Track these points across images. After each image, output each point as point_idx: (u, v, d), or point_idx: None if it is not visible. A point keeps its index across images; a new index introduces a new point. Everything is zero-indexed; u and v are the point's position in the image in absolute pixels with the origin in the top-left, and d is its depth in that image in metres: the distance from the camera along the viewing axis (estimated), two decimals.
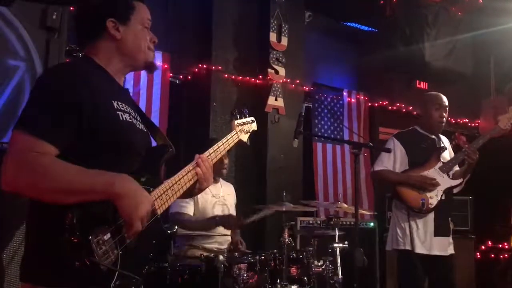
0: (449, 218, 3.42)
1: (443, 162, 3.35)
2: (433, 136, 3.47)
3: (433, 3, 5.23)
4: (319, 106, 5.50)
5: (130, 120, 1.65)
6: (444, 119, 3.44)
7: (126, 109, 1.66)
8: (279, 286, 2.90)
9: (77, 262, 1.38)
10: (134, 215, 1.45)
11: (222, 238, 3.61)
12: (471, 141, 3.37)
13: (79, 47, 1.79)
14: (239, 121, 2.17)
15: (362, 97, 5.83)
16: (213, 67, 4.62)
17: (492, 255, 5.65)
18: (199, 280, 2.80)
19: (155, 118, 4.35)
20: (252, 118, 2.26)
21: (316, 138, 5.35)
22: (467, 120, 6.67)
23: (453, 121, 6.56)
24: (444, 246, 3.28)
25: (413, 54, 5.16)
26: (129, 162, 1.60)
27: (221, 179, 3.88)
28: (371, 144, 3.74)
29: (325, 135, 5.40)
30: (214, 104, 4.59)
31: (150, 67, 1.80)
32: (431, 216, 3.26)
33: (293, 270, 3.08)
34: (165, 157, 1.76)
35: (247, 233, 4.03)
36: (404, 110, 6.00)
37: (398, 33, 5.26)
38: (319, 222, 3.96)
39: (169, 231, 1.75)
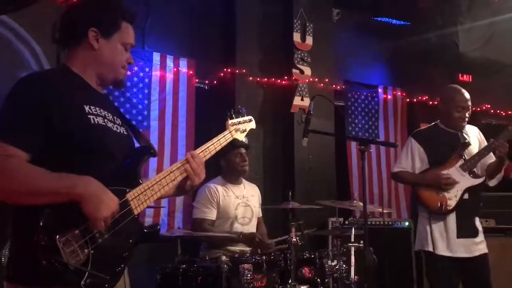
0: (476, 218, 3.22)
1: (464, 160, 3.17)
2: (455, 132, 3.27)
3: None
4: (352, 105, 5.38)
5: (104, 124, 1.73)
6: (467, 118, 3.26)
7: (100, 113, 1.73)
8: (288, 286, 2.87)
9: (43, 262, 1.46)
10: (96, 215, 1.51)
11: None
12: None
13: (61, 49, 1.88)
14: (234, 120, 2.21)
15: (399, 93, 5.64)
16: (237, 71, 4.67)
17: None
18: (210, 281, 2.83)
19: (182, 124, 4.47)
20: (250, 117, 2.29)
21: (349, 137, 5.22)
22: None
23: (504, 114, 6.20)
24: (469, 248, 3.11)
25: (447, 45, 4.93)
26: (103, 164, 1.67)
27: (244, 180, 3.91)
28: (377, 139, 3.60)
29: (359, 134, 5.27)
30: (239, 106, 4.62)
31: (118, 84, 1.89)
32: (453, 217, 3.11)
33: (306, 271, 3.04)
34: (144, 159, 1.83)
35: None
36: None
37: (430, 24, 5.04)
38: (342, 222, 3.87)
39: (148, 231, 1.80)
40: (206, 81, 4.71)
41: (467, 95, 3.27)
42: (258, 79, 4.77)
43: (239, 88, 4.68)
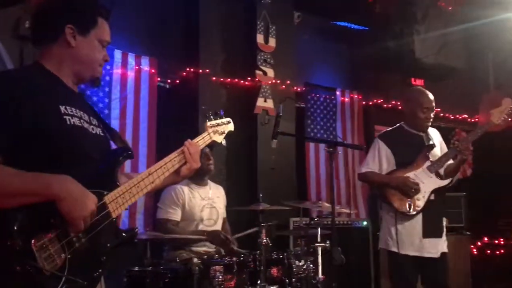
0: (442, 218, 3.29)
1: (431, 161, 3.22)
2: (421, 133, 3.31)
3: None
4: (311, 107, 5.48)
5: (80, 124, 1.67)
6: (431, 119, 3.30)
7: (76, 113, 1.68)
8: (258, 287, 2.89)
9: (18, 267, 1.39)
10: (74, 215, 1.46)
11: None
12: None
13: (34, 46, 1.81)
14: (212, 122, 2.20)
15: (355, 96, 5.80)
16: (201, 71, 4.64)
17: (488, 251, 5.58)
18: (179, 283, 2.81)
19: (143, 123, 4.39)
20: (228, 119, 2.28)
21: (304, 138, 5.32)
22: (466, 116, 6.61)
23: (452, 117, 6.52)
24: (435, 247, 3.17)
25: (403, 51, 5.12)
26: (79, 166, 1.61)
27: (210, 181, 3.89)
28: (344, 142, 3.69)
29: (318, 135, 5.38)
30: (203, 107, 4.61)
31: (95, 82, 1.84)
32: (419, 217, 3.15)
33: (274, 271, 3.07)
34: (121, 160, 1.79)
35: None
36: (399, 107, 5.96)
37: (388, 31, 5.22)
38: (306, 222, 3.93)
39: (126, 235, 1.76)
40: (168, 80, 4.65)
41: (431, 96, 3.31)
42: (222, 79, 4.77)
43: (202, 88, 4.65)
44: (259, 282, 2.95)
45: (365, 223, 4.80)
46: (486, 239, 5.86)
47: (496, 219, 6.04)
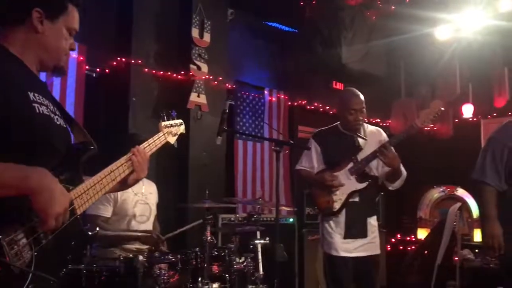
0: (369, 219, 3.24)
1: (354, 163, 3.20)
2: (352, 134, 3.30)
3: (350, 6, 5.44)
4: (241, 104, 5.53)
5: (48, 114, 1.57)
6: (360, 121, 3.29)
7: (43, 101, 1.57)
8: (200, 284, 2.87)
9: None
10: (49, 211, 1.37)
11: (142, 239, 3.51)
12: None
13: None
14: (167, 123, 2.17)
15: (282, 96, 5.94)
16: (133, 61, 4.47)
17: (401, 247, 6.04)
18: (117, 281, 2.70)
19: (69, 112, 4.12)
20: (181, 121, 2.28)
21: (238, 135, 5.36)
22: (379, 120, 7.06)
23: (366, 121, 6.92)
24: (358, 248, 3.16)
25: (331, 56, 5.34)
26: (46, 158, 1.51)
27: (144, 178, 3.77)
28: (291, 142, 3.77)
29: (247, 132, 5.45)
30: (134, 99, 4.45)
31: (59, 71, 1.73)
32: (342, 218, 3.17)
33: (215, 268, 3.06)
34: (86, 155, 1.71)
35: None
36: (321, 109, 6.21)
37: (317, 35, 5.41)
38: (240, 219, 3.96)
39: (90, 233, 1.69)
40: (98, 69, 4.42)
41: (360, 97, 3.29)
42: (154, 71, 4.63)
43: (133, 79, 4.49)
44: (200, 279, 2.92)
45: (291, 219, 4.93)
46: (399, 236, 6.33)
47: (409, 216, 6.55)
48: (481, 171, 2.98)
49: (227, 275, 3.07)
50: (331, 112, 5.98)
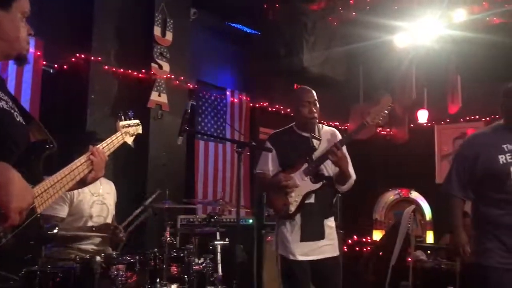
0: (326, 220, 3.16)
1: (308, 164, 3.12)
2: (307, 134, 3.22)
3: (312, 11, 5.53)
4: (203, 104, 5.51)
5: (8, 109, 1.52)
6: (315, 114, 3.18)
7: (2, 97, 1.53)
8: (158, 285, 2.84)
9: None
10: (12, 205, 1.33)
11: (97, 239, 3.44)
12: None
13: None
14: (124, 122, 2.14)
15: (244, 98, 5.96)
16: (92, 58, 4.38)
17: (357, 248, 6.18)
18: (73, 283, 2.64)
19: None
20: (138, 121, 2.25)
21: (199, 136, 5.34)
22: (338, 123, 7.20)
23: (326, 124, 7.05)
24: (312, 251, 3.09)
25: (292, 59, 5.40)
26: (7, 155, 1.46)
27: (102, 177, 3.69)
28: (253, 143, 3.75)
29: (208, 133, 5.43)
30: (93, 96, 4.36)
31: (22, 60, 1.67)
32: (298, 220, 3.09)
33: (174, 269, 3.04)
34: (46, 153, 1.66)
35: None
36: (283, 111, 6.28)
37: (279, 38, 5.46)
38: (200, 220, 3.95)
39: (49, 232, 1.65)
40: (55, 65, 4.30)
41: (312, 92, 3.23)
42: (114, 69, 4.55)
43: (92, 76, 4.39)
44: (158, 280, 2.89)
45: (250, 220, 4.95)
46: (355, 237, 6.47)
47: (366, 218, 6.70)
48: (448, 184, 3.04)
49: (186, 276, 3.05)
50: (292, 114, 6.05)
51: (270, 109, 6.30)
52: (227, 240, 3.38)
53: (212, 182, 5.53)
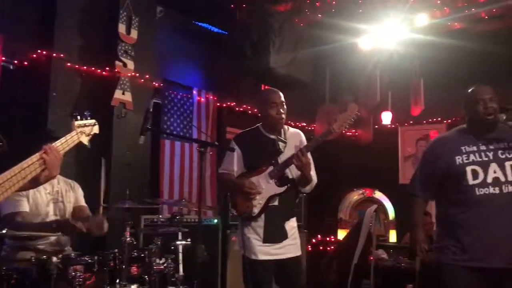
0: (288, 222, 3.18)
1: (273, 167, 3.13)
2: (273, 137, 3.21)
3: (279, 12, 5.56)
4: (169, 103, 5.46)
5: None
6: (283, 115, 3.17)
7: None
8: (118, 286, 2.81)
9: None
10: None
11: (54, 238, 3.36)
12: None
13: None
14: (80, 122, 2.12)
15: (211, 97, 5.95)
16: (54, 54, 4.29)
17: (321, 248, 6.25)
18: (28, 285, 2.58)
19: None
20: (94, 121, 2.22)
21: (165, 135, 5.29)
22: (305, 124, 7.27)
23: (293, 124, 7.11)
24: (277, 251, 3.10)
25: (259, 60, 5.41)
26: None
27: (60, 177, 3.62)
28: (216, 143, 3.75)
29: (174, 132, 5.39)
30: (54, 94, 4.27)
31: None
32: (261, 222, 3.10)
33: (134, 269, 3.01)
34: None
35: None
36: (250, 111, 6.29)
37: (246, 38, 5.47)
38: (162, 220, 3.92)
39: None
40: (15, 61, 4.19)
41: (279, 93, 3.23)
42: (77, 66, 4.47)
43: (54, 73, 4.30)
44: (118, 280, 2.86)
45: (215, 221, 4.95)
46: (319, 236, 6.54)
47: (330, 217, 6.78)
48: (412, 184, 3.14)
49: (146, 277, 3.03)
50: (259, 114, 6.08)
51: (237, 109, 6.31)
52: (189, 240, 3.36)
53: (178, 182, 5.49)
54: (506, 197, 2.77)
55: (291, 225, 3.23)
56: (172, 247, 3.32)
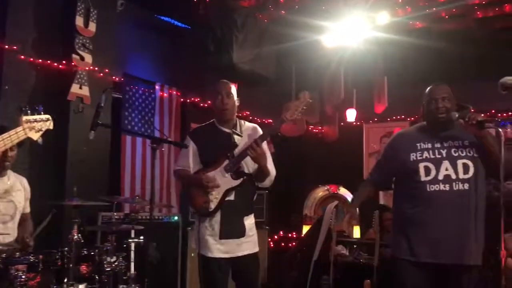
0: (246, 218, 3.14)
1: (229, 161, 3.08)
2: (228, 130, 3.17)
3: (242, 7, 5.52)
4: (130, 98, 5.36)
5: None
6: (227, 105, 3.13)
7: None
8: (65, 285, 2.73)
9: None
10: None
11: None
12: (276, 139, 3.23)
13: None
14: (29, 117, 2.04)
15: (174, 92, 5.87)
16: (7, 46, 4.14)
17: (283, 244, 6.27)
18: None
19: None
20: (48, 116, 2.15)
21: (123, 131, 5.19)
22: (271, 121, 7.26)
23: (259, 121, 7.09)
24: (232, 248, 3.06)
25: (222, 55, 5.37)
26: None
27: (10, 172, 3.50)
28: (169, 139, 3.68)
29: (135, 128, 5.29)
30: (6, 87, 4.13)
31: None
32: (218, 218, 3.05)
33: (83, 268, 2.93)
34: None
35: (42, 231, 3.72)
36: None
37: (209, 33, 5.42)
38: (117, 217, 3.83)
39: None
40: None
41: (227, 83, 3.20)
42: (32, 59, 4.33)
43: (6, 66, 4.16)
44: (66, 280, 2.78)
45: (176, 218, 4.88)
46: (282, 233, 6.55)
47: (289, 215, 6.80)
48: (370, 175, 3.28)
49: (96, 276, 2.95)
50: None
51: (201, 104, 6.24)
52: (141, 238, 3.29)
53: (140, 179, 5.40)
54: (455, 194, 2.82)
55: (249, 221, 3.19)
56: (125, 245, 3.24)
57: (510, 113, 6.18)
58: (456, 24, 5.59)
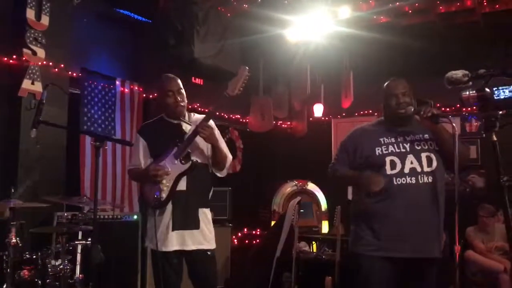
0: (201, 210, 3.06)
1: (177, 147, 3.01)
2: (177, 122, 3.13)
3: (204, 1, 5.40)
4: (88, 94, 5.20)
5: None
6: (181, 103, 3.11)
7: None
8: None
9: None
10: None
11: None
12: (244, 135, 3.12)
13: None
14: None
15: (136, 88, 5.73)
16: None
17: (247, 241, 6.21)
18: None
19: None
20: None
21: (85, 128, 5.03)
22: (239, 116, 7.18)
23: (227, 116, 7.01)
24: (184, 240, 2.98)
25: (183, 50, 5.25)
26: None
27: None
28: (113, 137, 3.57)
29: (95, 125, 5.14)
30: None
31: None
32: (169, 209, 2.98)
33: (25, 273, 2.81)
34: None
35: None
36: None
37: (170, 27, 5.29)
38: (68, 217, 3.70)
39: None
40: None
41: (177, 80, 3.18)
42: None
43: None
44: (5, 286, 2.66)
45: (135, 217, 4.77)
46: (246, 230, 6.48)
47: (258, 211, 6.75)
48: (331, 167, 3.11)
49: (39, 280, 2.83)
50: (189, 106, 5.94)
51: None
52: (89, 239, 3.18)
53: (100, 178, 5.25)
54: (421, 187, 2.81)
55: (205, 215, 3.11)
56: (70, 248, 3.12)
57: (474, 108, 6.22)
58: (419, 19, 5.59)
